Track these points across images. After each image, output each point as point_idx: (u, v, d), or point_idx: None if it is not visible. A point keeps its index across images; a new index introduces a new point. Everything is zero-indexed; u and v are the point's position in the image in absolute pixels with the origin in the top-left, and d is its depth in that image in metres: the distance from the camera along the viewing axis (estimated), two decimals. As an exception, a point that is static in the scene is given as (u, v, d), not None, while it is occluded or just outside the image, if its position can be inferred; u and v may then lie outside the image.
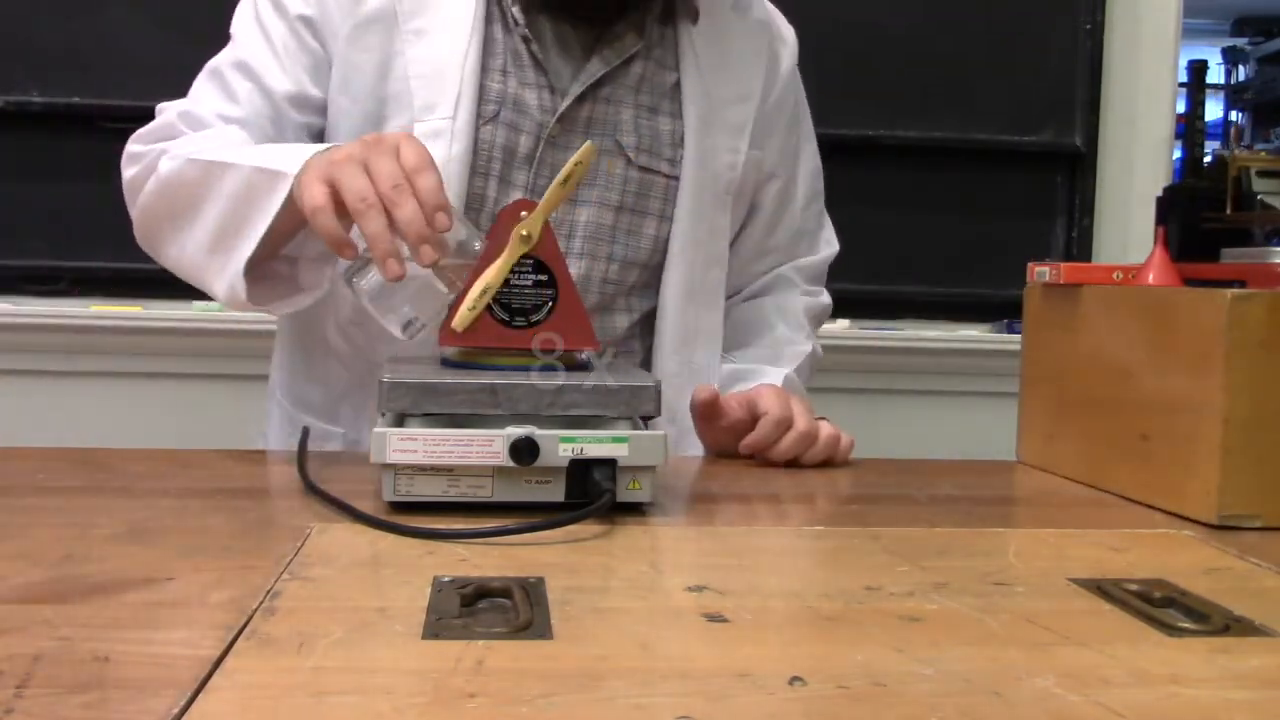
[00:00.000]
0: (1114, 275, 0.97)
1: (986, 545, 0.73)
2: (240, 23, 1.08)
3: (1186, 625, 0.57)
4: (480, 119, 1.02)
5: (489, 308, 0.82)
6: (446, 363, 0.85)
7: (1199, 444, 0.82)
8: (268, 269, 0.97)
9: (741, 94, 1.12)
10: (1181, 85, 2.03)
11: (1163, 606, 0.60)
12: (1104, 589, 0.63)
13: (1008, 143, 2.04)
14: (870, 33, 2.00)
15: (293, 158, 0.89)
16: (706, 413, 1.02)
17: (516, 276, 0.83)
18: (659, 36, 1.09)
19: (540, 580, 0.61)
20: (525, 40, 1.03)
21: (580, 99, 1.04)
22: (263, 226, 0.90)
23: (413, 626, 0.53)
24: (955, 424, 2.01)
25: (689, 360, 1.10)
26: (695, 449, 1.08)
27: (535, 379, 0.77)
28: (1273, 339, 0.79)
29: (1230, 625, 0.57)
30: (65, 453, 0.95)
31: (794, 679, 0.48)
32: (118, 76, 1.82)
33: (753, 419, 1.00)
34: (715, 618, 0.56)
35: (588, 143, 0.82)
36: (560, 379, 0.78)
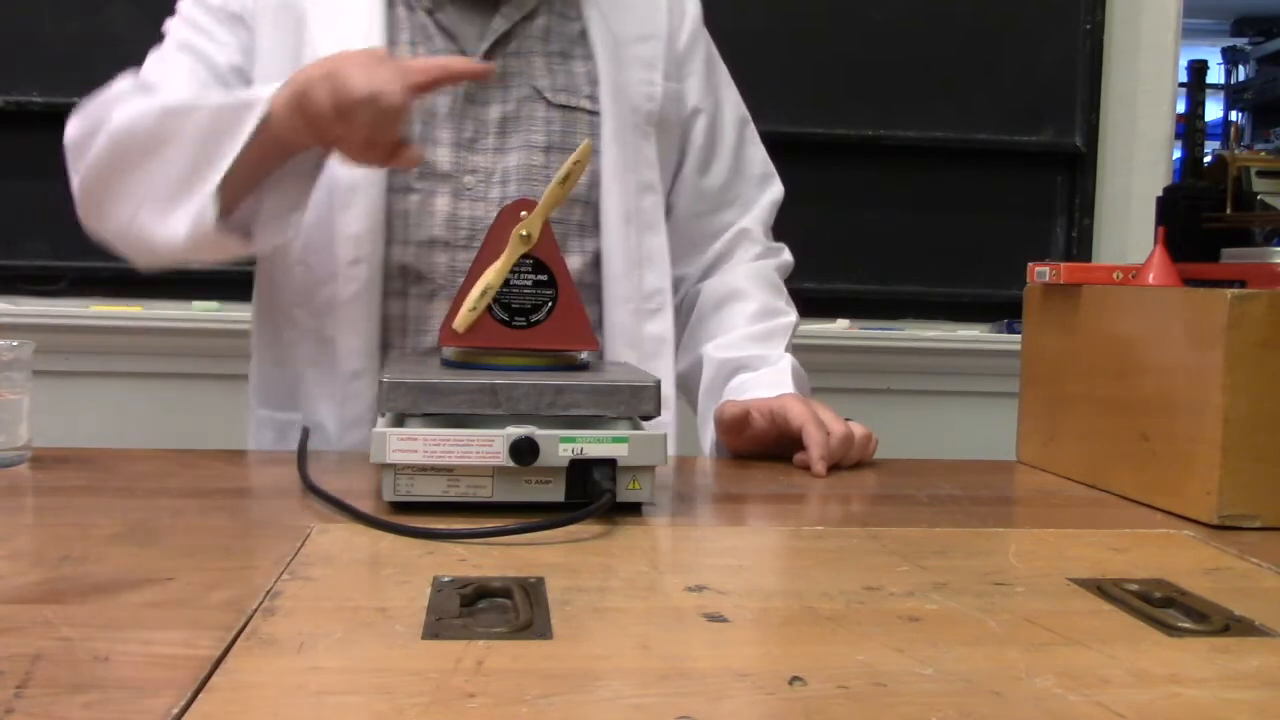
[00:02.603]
0: (1114, 275, 0.97)
1: (986, 545, 0.73)
2: (172, 23, 1.15)
3: (1186, 625, 0.57)
4: None
5: (489, 308, 0.82)
6: (446, 363, 0.85)
7: (1199, 444, 0.82)
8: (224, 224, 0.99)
9: (645, 33, 1.19)
10: (1181, 85, 2.03)
11: (1163, 606, 0.60)
12: (1104, 589, 0.63)
13: (1008, 143, 2.04)
14: (870, 32, 2.00)
15: (260, 90, 0.94)
16: (734, 427, 1.04)
17: (516, 276, 0.83)
18: None
19: (540, 580, 0.61)
20: (429, 13, 1.11)
21: (489, 55, 1.11)
22: (233, 152, 0.93)
23: (413, 626, 0.53)
24: (955, 424, 2.01)
25: (639, 284, 1.14)
26: (663, 374, 1.11)
27: (535, 379, 0.77)
28: (1273, 339, 0.79)
29: (1230, 625, 0.57)
30: (65, 453, 0.95)
31: (794, 679, 0.48)
32: (118, 76, 1.82)
33: (777, 429, 1.02)
34: (715, 618, 0.56)
35: (585, 141, 0.86)
36: (560, 379, 0.78)
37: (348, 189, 1.06)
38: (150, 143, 0.98)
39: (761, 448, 1.04)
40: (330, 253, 1.07)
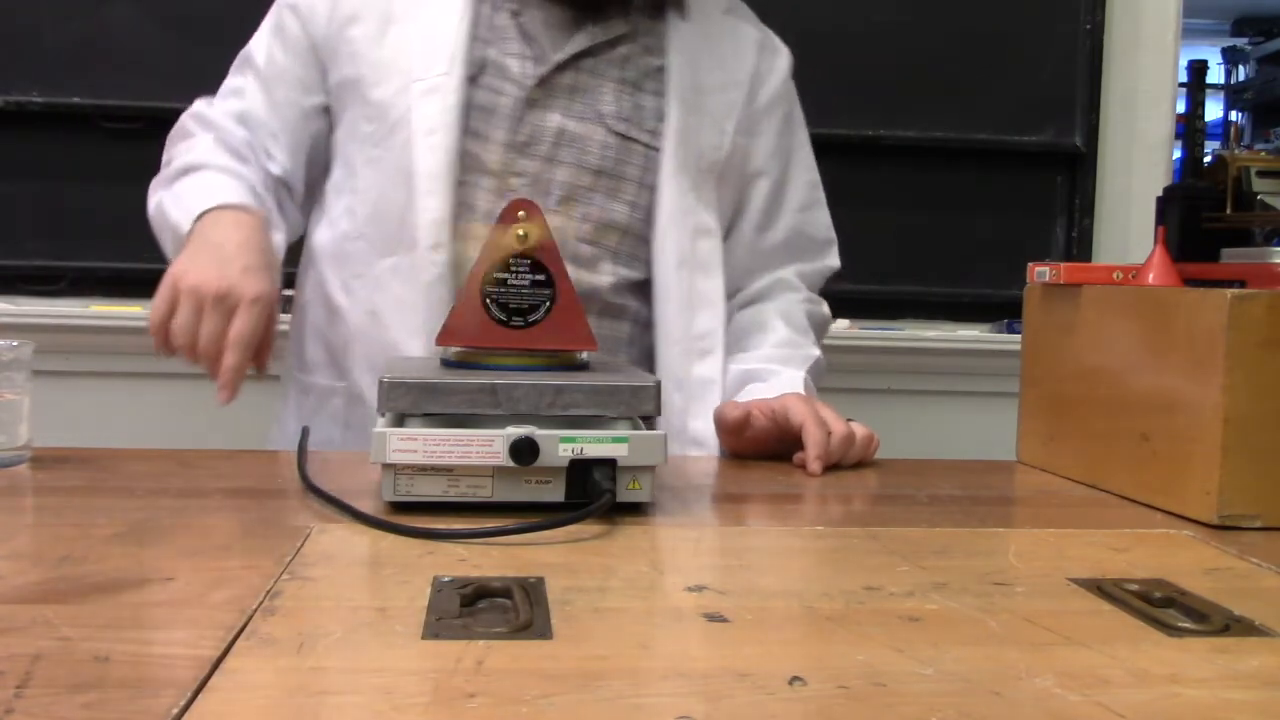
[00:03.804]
0: (1114, 275, 0.97)
1: (986, 545, 0.73)
2: (258, 39, 1.20)
3: (1186, 625, 0.57)
4: (466, 78, 1.10)
5: (486, 308, 0.82)
6: (446, 363, 0.85)
7: (1199, 444, 0.82)
8: None
9: (727, 83, 1.19)
10: (1181, 85, 2.02)
11: (1163, 606, 0.60)
12: (1104, 589, 0.63)
13: (1008, 143, 2.04)
14: (870, 33, 2.00)
15: (190, 219, 1.07)
16: (735, 428, 1.03)
17: (515, 276, 0.83)
18: (648, 27, 1.17)
19: (540, 580, 0.61)
20: (513, 14, 1.12)
21: (562, 68, 1.12)
22: (180, 235, 1.07)
23: (413, 626, 0.53)
24: (955, 424, 2.00)
25: (690, 326, 1.14)
26: (703, 418, 1.10)
27: (535, 379, 0.77)
28: (1273, 339, 0.79)
29: (1230, 625, 0.57)
30: (65, 453, 0.95)
31: (794, 679, 0.48)
32: (118, 76, 1.82)
33: (778, 429, 1.01)
34: (715, 618, 0.56)
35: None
36: (560, 379, 0.78)
37: (429, 176, 1.07)
38: (156, 227, 1.15)
39: (763, 448, 1.03)
40: (410, 236, 1.08)
